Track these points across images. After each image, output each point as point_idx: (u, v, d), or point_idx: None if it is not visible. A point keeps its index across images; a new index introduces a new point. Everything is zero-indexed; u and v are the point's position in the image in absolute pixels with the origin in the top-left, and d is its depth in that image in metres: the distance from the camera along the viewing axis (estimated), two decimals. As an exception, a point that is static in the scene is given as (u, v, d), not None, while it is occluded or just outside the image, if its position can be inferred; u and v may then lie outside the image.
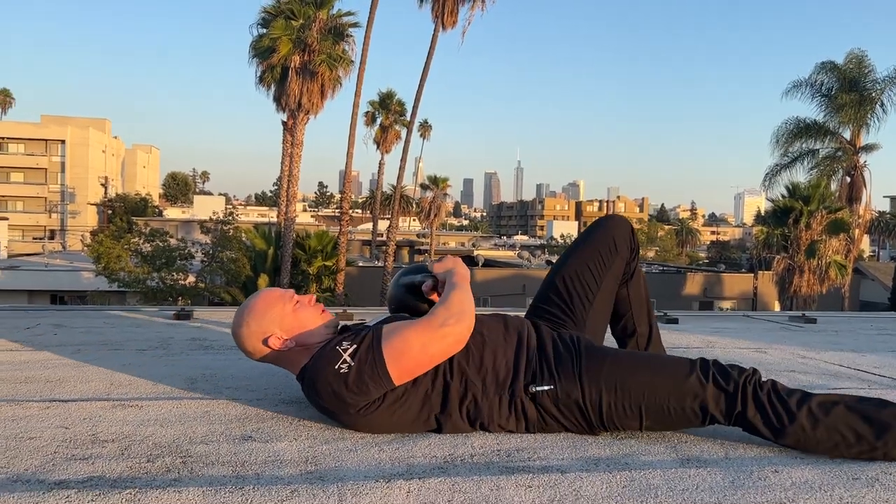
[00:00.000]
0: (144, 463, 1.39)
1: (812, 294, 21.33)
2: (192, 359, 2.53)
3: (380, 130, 40.80)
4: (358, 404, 1.55)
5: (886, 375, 2.56)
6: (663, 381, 1.60)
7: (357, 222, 54.85)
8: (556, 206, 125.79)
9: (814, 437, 1.52)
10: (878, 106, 23.76)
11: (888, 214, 61.28)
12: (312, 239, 22.01)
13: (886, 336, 3.76)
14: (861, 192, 24.66)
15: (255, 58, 22.21)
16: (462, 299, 1.65)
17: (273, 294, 1.75)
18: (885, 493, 1.32)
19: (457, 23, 22.56)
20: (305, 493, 1.24)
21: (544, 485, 1.31)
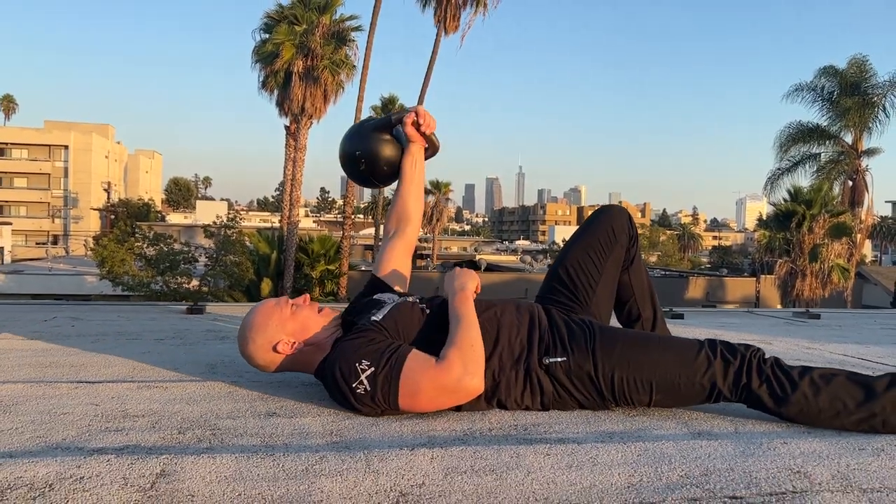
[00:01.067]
0: (176, 434, 1.44)
1: (815, 298, 21.33)
2: (209, 347, 2.58)
3: (382, 135, 40.93)
4: (363, 413, 1.61)
5: (890, 364, 2.61)
6: (674, 356, 1.66)
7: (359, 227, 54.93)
8: (558, 212, 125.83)
9: (816, 406, 1.57)
10: (880, 110, 23.83)
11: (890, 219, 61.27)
12: (315, 243, 22.07)
13: (890, 330, 3.81)
14: (863, 197, 24.70)
15: (258, 62, 22.33)
16: (472, 341, 1.63)
17: (268, 305, 1.79)
18: (891, 462, 1.37)
19: (458, 27, 22.67)
20: (333, 458, 1.29)
21: (562, 453, 1.36)
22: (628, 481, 1.24)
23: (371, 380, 1.57)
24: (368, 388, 1.57)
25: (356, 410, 1.62)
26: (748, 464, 1.34)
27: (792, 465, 1.34)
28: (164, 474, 1.19)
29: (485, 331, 1.69)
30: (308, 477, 1.20)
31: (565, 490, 1.19)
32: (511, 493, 1.17)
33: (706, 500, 1.16)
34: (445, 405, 1.61)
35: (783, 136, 25.32)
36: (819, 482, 1.25)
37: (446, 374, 1.57)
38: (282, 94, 22.19)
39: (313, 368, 1.75)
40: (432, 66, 22.90)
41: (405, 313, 1.75)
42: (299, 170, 22.42)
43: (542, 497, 1.16)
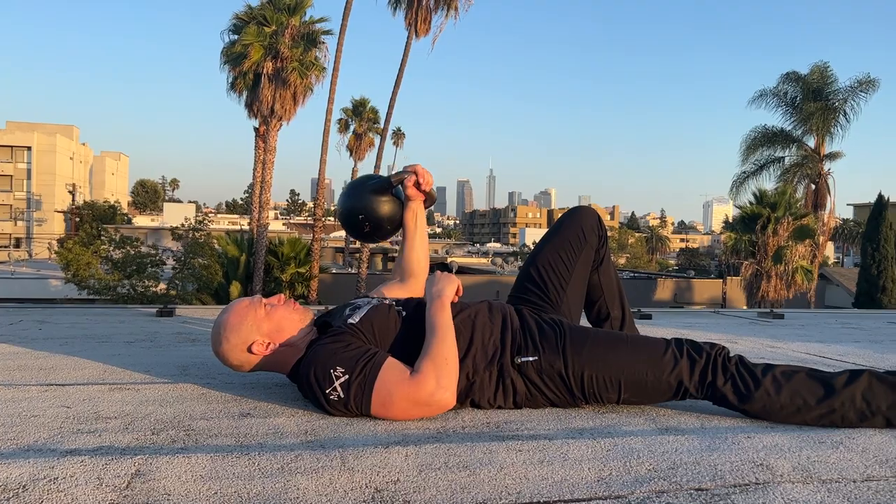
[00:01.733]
0: (149, 435, 1.44)
1: (779, 299, 21.71)
2: (180, 349, 2.57)
3: (353, 138, 40.80)
4: (335, 415, 1.63)
5: (850, 362, 2.69)
6: (642, 355, 1.70)
7: (330, 230, 54.67)
8: (529, 214, 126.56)
9: (778, 402, 1.62)
10: (841, 115, 24.38)
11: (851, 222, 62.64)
12: (285, 246, 21.92)
13: (850, 329, 3.91)
14: (826, 200, 25.25)
15: (227, 64, 22.14)
16: (446, 354, 1.63)
17: (242, 304, 1.78)
18: (849, 454, 1.42)
19: (430, 31, 22.70)
20: (309, 457, 1.30)
21: (533, 449, 1.39)
22: (598, 475, 1.27)
23: (345, 387, 1.58)
24: (342, 396, 1.59)
25: (329, 413, 1.63)
26: (713, 457, 1.38)
27: (755, 458, 1.38)
28: (139, 474, 1.19)
29: (459, 332, 1.71)
30: (283, 475, 1.21)
31: (537, 484, 1.22)
32: (484, 487, 1.19)
33: (673, 493, 1.19)
34: (417, 416, 1.62)
35: (748, 140, 25.80)
36: (781, 474, 1.29)
37: (419, 388, 1.58)
38: (251, 95, 22.03)
39: (287, 369, 1.76)
40: (403, 69, 22.91)
41: (381, 316, 1.77)
42: (269, 172, 22.26)
43: (514, 491, 1.18)
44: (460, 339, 1.71)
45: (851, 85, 24.10)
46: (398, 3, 23.04)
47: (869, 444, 1.49)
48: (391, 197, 2.09)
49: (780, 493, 1.20)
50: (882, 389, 1.60)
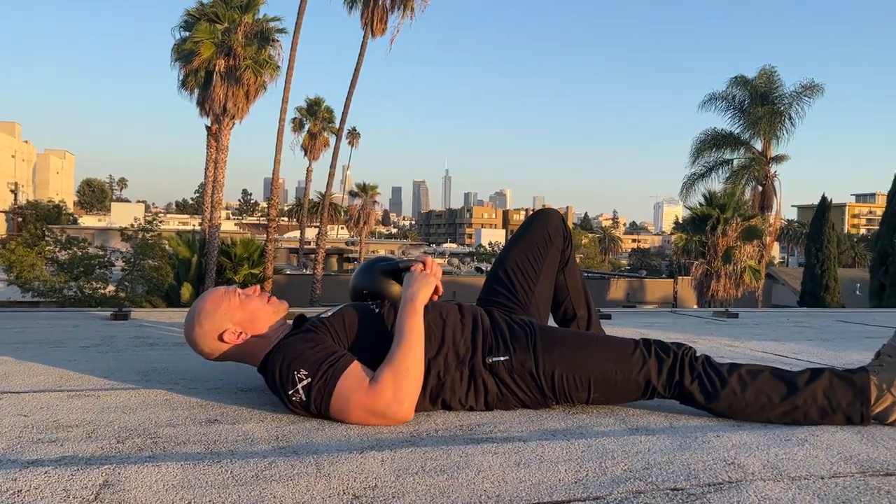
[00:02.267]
0: (115, 444, 1.40)
1: (728, 298, 22.24)
2: (139, 354, 2.50)
3: (308, 137, 40.43)
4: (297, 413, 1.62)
5: (805, 360, 2.76)
6: (611, 355, 1.71)
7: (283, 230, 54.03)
8: (484, 215, 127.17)
9: (743, 400, 1.65)
10: (787, 119, 25.08)
11: (796, 223, 64.50)
12: (238, 246, 21.58)
13: (802, 328, 4.02)
14: (772, 201, 25.94)
15: (178, 61, 21.70)
16: (408, 366, 1.60)
17: (217, 292, 1.77)
18: (814, 451, 1.45)
19: (386, 30, 22.67)
20: (283, 464, 1.28)
21: (509, 451, 1.39)
22: (575, 477, 1.27)
23: (306, 390, 1.57)
24: (303, 399, 1.58)
25: (291, 411, 1.63)
26: (685, 457, 1.39)
27: (726, 456, 1.40)
28: (107, 485, 1.15)
29: (430, 331, 1.71)
30: (258, 483, 1.19)
31: (515, 487, 1.21)
32: (463, 491, 1.18)
33: (650, 493, 1.20)
34: (373, 424, 1.58)
35: (698, 143, 26.34)
36: (752, 472, 1.32)
37: (375, 399, 1.56)
38: (203, 93, 21.62)
39: (258, 361, 1.73)
40: (359, 69, 22.82)
41: (353, 311, 1.76)
42: (221, 171, 21.90)
43: (493, 495, 1.18)
44: (431, 339, 1.70)
45: (797, 90, 24.84)
46: (354, 2, 22.93)
47: (832, 441, 1.53)
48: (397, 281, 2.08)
49: (753, 492, 1.22)
50: (842, 387, 1.65)
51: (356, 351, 1.67)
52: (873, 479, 1.31)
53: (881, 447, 1.50)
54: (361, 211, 43.33)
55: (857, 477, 1.31)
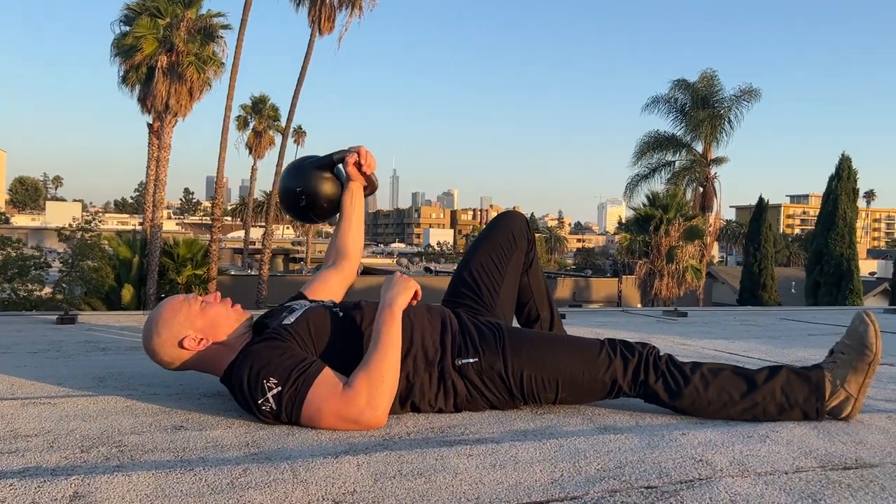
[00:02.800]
0: (79, 453, 1.36)
1: (671, 296, 22.78)
2: (91, 359, 2.43)
3: (252, 135, 39.85)
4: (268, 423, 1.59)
5: (754, 357, 2.85)
6: (578, 355, 1.74)
7: (227, 230, 53.05)
8: (432, 215, 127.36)
9: (706, 397, 1.70)
10: (727, 122, 25.83)
11: (734, 223, 66.45)
12: (181, 247, 21.09)
13: (748, 326, 4.15)
14: (712, 202, 26.69)
15: (118, 56, 21.10)
16: (384, 372, 1.58)
17: (177, 299, 1.74)
18: (776, 447, 1.50)
19: (334, 29, 22.47)
20: (257, 470, 1.26)
21: (483, 453, 1.40)
22: (550, 477, 1.29)
23: (277, 399, 1.54)
24: (274, 408, 1.55)
25: (260, 420, 1.59)
26: (655, 455, 1.42)
27: (693, 454, 1.44)
28: (77, 496, 1.11)
29: (403, 338, 1.70)
30: (235, 490, 1.17)
31: (493, 489, 1.22)
32: (442, 494, 1.19)
33: (625, 492, 1.22)
34: (345, 430, 1.56)
35: (642, 144, 26.93)
36: (720, 469, 1.35)
37: (349, 405, 1.54)
38: (144, 90, 21.08)
39: (220, 370, 1.69)
40: (306, 67, 22.59)
41: (318, 316, 1.73)
42: (163, 170, 21.39)
43: (472, 497, 1.18)
44: (402, 340, 1.69)
45: (736, 94, 25.59)
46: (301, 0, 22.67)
47: (791, 437, 1.58)
48: (331, 175, 2.07)
49: (723, 488, 1.25)
50: (799, 383, 1.70)
51: (324, 357, 1.66)
52: (833, 472, 1.36)
53: (837, 442, 1.55)
54: (308, 210, 42.83)
55: (819, 471, 1.36)
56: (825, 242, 20.22)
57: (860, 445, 1.54)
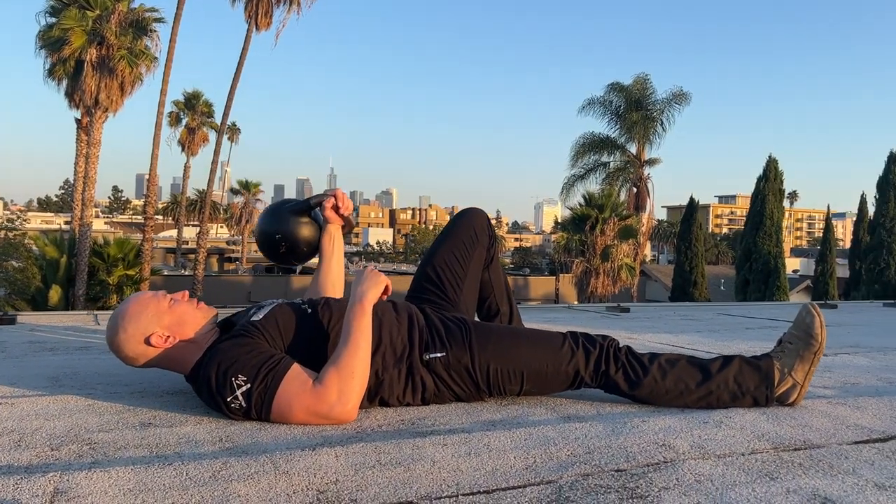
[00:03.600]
0: (49, 451, 1.34)
1: (606, 294, 23.29)
2: (41, 360, 2.36)
3: (185, 132, 38.86)
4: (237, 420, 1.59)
5: (699, 349, 2.97)
6: (542, 348, 1.79)
7: (159, 229, 51.60)
8: (371, 214, 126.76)
9: (663, 387, 1.78)
10: (659, 125, 26.54)
11: (665, 222, 68.31)
12: (112, 247, 20.42)
13: (689, 320, 4.30)
14: (646, 202, 27.37)
15: (44, 49, 20.32)
16: (354, 368, 1.60)
17: (145, 296, 1.72)
18: (731, 432, 1.58)
19: (271, 24, 22.16)
20: (237, 463, 1.27)
21: (457, 442, 1.44)
22: (525, 463, 1.33)
23: (246, 396, 1.55)
24: (243, 405, 1.56)
25: (229, 418, 1.59)
26: (621, 440, 1.49)
27: (656, 439, 1.51)
28: (59, 492, 1.10)
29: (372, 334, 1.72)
30: (219, 482, 1.17)
31: (471, 475, 1.26)
32: (423, 482, 1.22)
33: (597, 475, 1.28)
34: (315, 424, 1.58)
35: (578, 146, 27.42)
36: (682, 452, 1.42)
37: (319, 401, 1.56)
38: (72, 84, 20.34)
39: (186, 368, 1.68)
40: (243, 63, 22.20)
41: (286, 313, 1.74)
42: (93, 167, 20.67)
43: (452, 483, 1.22)
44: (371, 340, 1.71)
45: (667, 97, 26.31)
46: (237, -6, 22.26)
47: (744, 422, 1.67)
48: (309, 219, 2.12)
49: (687, 469, 1.32)
50: (750, 372, 1.80)
51: (293, 353, 1.66)
52: (785, 453, 1.45)
53: (786, 426, 1.65)
54: (244, 209, 42.15)
55: (773, 453, 1.45)
56: (754, 241, 21.01)
57: (807, 428, 1.63)
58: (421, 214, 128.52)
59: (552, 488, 1.21)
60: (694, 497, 1.18)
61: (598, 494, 1.19)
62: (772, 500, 1.18)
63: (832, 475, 1.32)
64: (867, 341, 3.44)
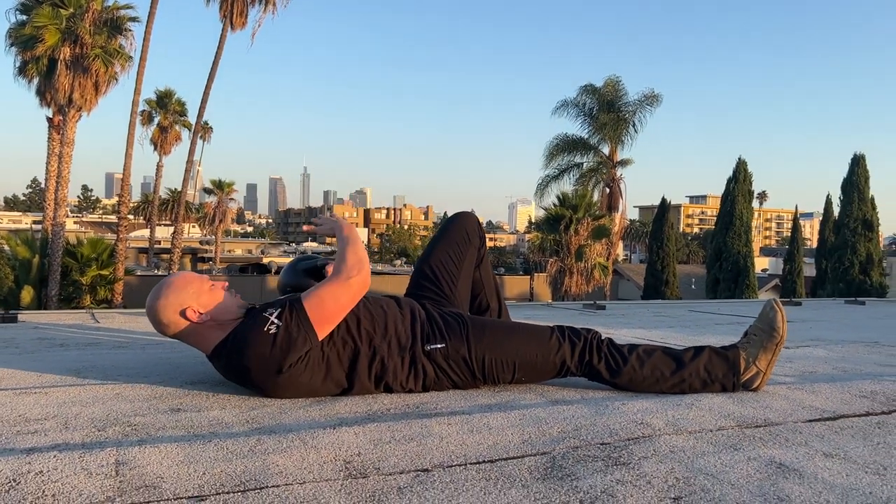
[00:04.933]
0: (96, 432, 1.49)
1: (580, 293, 23.61)
2: (56, 355, 2.50)
3: (158, 131, 38.49)
4: (287, 361, 1.75)
5: (672, 343, 3.18)
6: (532, 340, 1.98)
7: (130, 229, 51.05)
8: (345, 213, 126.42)
9: (641, 375, 1.98)
10: (631, 126, 26.95)
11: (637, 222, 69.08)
12: (85, 246, 20.30)
13: (662, 317, 4.53)
14: (618, 202, 27.76)
15: (14, 46, 20.12)
16: (355, 251, 1.94)
17: (190, 274, 1.91)
18: (701, 412, 1.78)
19: (246, 24, 22.14)
20: (269, 440, 1.43)
21: (460, 422, 1.61)
22: (521, 438, 1.51)
23: (279, 317, 1.76)
24: (280, 324, 1.75)
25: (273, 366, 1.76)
26: (604, 419, 1.68)
27: (635, 418, 1.70)
28: (120, 463, 1.26)
29: (375, 321, 1.91)
30: (257, 455, 1.34)
31: (476, 448, 1.44)
32: (435, 454, 1.39)
33: (585, 448, 1.47)
34: (348, 304, 1.85)
35: (551, 146, 27.73)
36: (658, 429, 1.62)
37: (337, 279, 1.85)
38: (44, 82, 20.16)
39: (208, 347, 1.85)
40: (218, 62, 22.15)
41: None
42: (66, 166, 20.48)
43: (460, 455, 1.39)
44: (376, 327, 1.90)
45: (639, 99, 26.73)
46: (212, -6, 22.21)
47: (712, 404, 1.87)
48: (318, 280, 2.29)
49: (663, 442, 1.51)
50: (718, 361, 2.00)
51: None
52: (748, 430, 1.64)
53: (749, 407, 1.85)
54: (217, 209, 41.91)
55: (737, 429, 1.65)
56: (724, 241, 21.44)
57: (767, 409, 1.84)
58: (395, 214, 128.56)
59: (547, 458, 1.39)
60: (669, 464, 1.37)
61: (587, 462, 1.37)
62: (735, 465, 1.38)
63: (787, 446, 1.52)
64: (826, 335, 3.68)
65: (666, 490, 1.23)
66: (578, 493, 1.21)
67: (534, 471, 1.32)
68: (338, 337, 1.85)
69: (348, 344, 1.86)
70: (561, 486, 1.24)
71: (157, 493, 1.14)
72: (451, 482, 1.24)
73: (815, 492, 1.25)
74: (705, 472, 1.33)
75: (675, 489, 1.24)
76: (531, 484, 1.25)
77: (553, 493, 1.20)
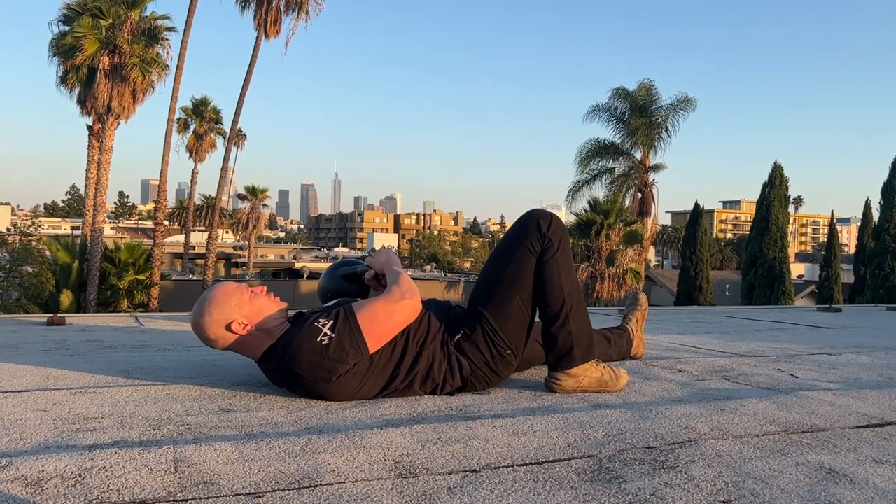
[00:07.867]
0: (151, 430, 1.53)
1: (612, 299, 23.45)
2: (106, 356, 2.56)
3: (193, 138, 39.13)
4: (337, 371, 1.78)
5: (710, 349, 3.16)
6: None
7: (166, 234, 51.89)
8: (376, 219, 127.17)
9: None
10: (664, 130, 26.72)
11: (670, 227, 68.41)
12: (123, 251, 20.69)
13: (699, 323, 4.49)
14: (650, 207, 27.53)
15: (57, 56, 20.63)
16: (408, 280, 2.00)
17: (230, 286, 1.93)
18: (745, 418, 1.77)
19: (280, 32, 22.43)
20: (319, 440, 1.46)
21: (505, 425, 1.63)
22: (566, 441, 1.53)
23: (333, 328, 1.79)
24: (333, 335, 1.79)
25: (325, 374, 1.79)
26: (648, 424, 1.68)
27: (679, 423, 1.70)
28: (178, 460, 1.30)
29: (419, 324, 1.94)
30: (308, 454, 1.37)
31: (521, 450, 1.45)
32: (482, 455, 1.41)
33: (631, 451, 1.47)
34: (400, 324, 1.89)
35: (583, 151, 27.60)
36: (703, 433, 1.61)
37: (390, 298, 1.90)
38: (85, 91, 20.64)
39: (257, 354, 1.88)
40: (252, 70, 22.45)
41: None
42: (105, 173, 20.95)
43: (507, 456, 1.41)
44: (420, 328, 1.93)
45: (672, 103, 26.50)
46: (247, 3, 22.55)
47: (757, 409, 1.86)
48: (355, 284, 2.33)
49: (709, 447, 1.51)
50: (626, 337, 2.67)
51: None
52: (795, 435, 1.64)
53: (794, 413, 1.84)
54: (250, 214, 42.45)
55: (783, 434, 1.64)
56: (759, 247, 21.13)
57: (814, 415, 1.82)
58: (425, 219, 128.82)
59: (594, 461, 1.40)
60: (717, 468, 1.37)
61: (634, 466, 1.38)
62: (784, 470, 1.37)
63: (836, 452, 1.51)
64: (869, 342, 3.62)
65: (715, 493, 1.23)
66: (627, 495, 1.22)
67: (581, 473, 1.33)
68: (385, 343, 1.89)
69: (396, 348, 1.90)
70: (609, 489, 1.25)
71: (215, 489, 1.18)
72: (500, 483, 1.26)
73: (867, 497, 1.24)
74: (754, 476, 1.33)
75: (724, 493, 1.24)
76: (579, 486, 1.26)
77: (602, 495, 1.21)
